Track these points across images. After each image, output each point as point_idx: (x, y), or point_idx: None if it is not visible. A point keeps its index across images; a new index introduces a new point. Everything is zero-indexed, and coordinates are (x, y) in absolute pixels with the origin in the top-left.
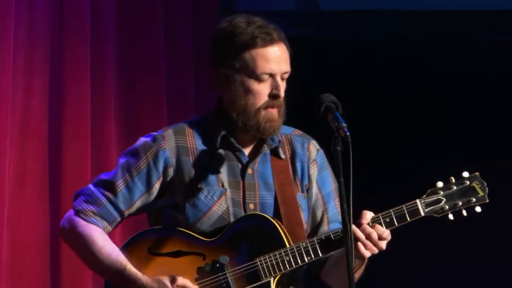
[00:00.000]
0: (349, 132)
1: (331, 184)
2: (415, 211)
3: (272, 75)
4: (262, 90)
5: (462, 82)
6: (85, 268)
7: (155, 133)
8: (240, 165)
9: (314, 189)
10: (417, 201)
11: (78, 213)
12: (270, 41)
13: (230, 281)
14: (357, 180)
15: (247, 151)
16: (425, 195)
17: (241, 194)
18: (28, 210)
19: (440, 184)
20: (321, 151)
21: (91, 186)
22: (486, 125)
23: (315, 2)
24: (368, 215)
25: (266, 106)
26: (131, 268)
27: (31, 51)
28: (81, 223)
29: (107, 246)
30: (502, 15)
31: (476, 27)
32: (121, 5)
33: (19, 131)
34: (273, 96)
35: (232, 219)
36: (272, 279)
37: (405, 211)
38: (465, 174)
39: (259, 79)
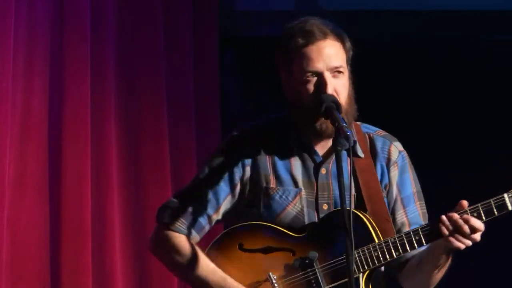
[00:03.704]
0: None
1: (412, 187)
2: (502, 206)
3: (317, 74)
4: (309, 90)
5: (462, 82)
6: (85, 268)
7: (232, 134)
8: (313, 165)
9: (394, 192)
10: (505, 195)
11: (166, 226)
12: (311, 40)
13: (319, 277)
14: None
15: (321, 151)
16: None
17: (315, 195)
18: (28, 210)
19: None
20: (404, 153)
21: (173, 198)
22: (486, 125)
23: (315, 2)
24: (463, 205)
25: None
26: (232, 281)
27: (31, 51)
28: (170, 235)
29: (202, 257)
30: (502, 15)
31: (476, 27)
32: (121, 5)
33: (19, 131)
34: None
35: (306, 220)
36: (361, 275)
37: (493, 205)
38: None
39: (304, 79)
